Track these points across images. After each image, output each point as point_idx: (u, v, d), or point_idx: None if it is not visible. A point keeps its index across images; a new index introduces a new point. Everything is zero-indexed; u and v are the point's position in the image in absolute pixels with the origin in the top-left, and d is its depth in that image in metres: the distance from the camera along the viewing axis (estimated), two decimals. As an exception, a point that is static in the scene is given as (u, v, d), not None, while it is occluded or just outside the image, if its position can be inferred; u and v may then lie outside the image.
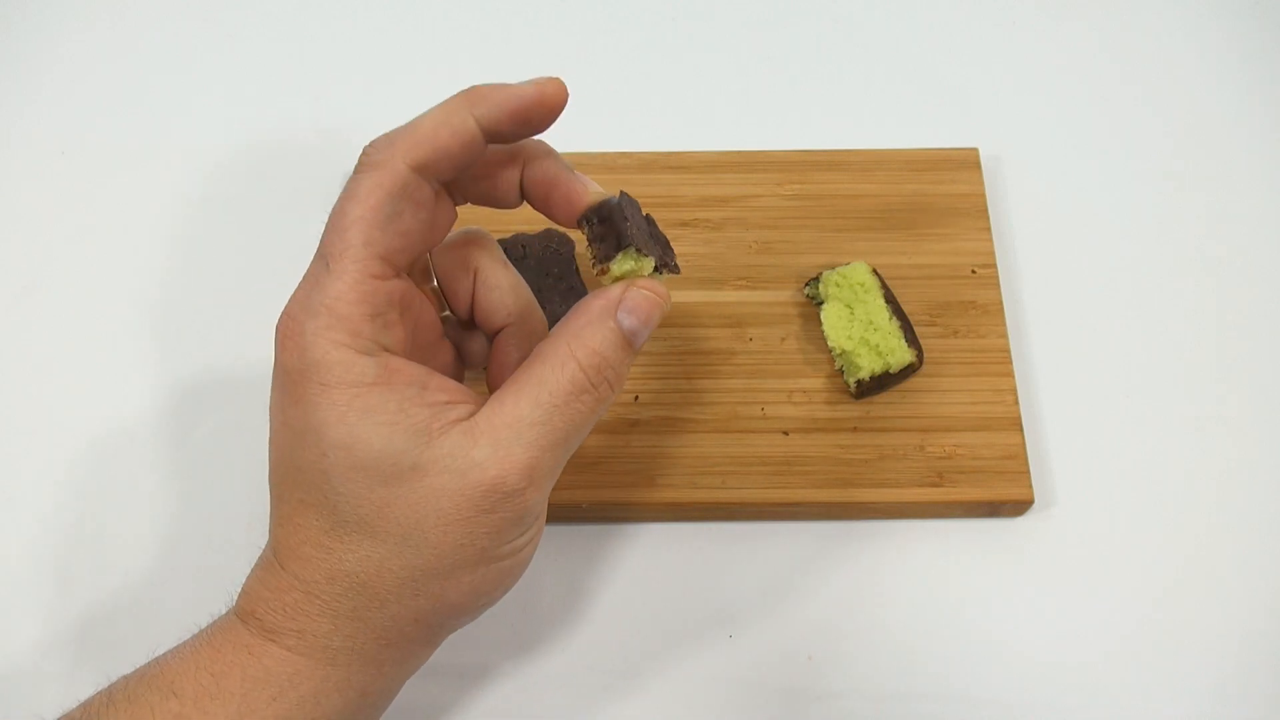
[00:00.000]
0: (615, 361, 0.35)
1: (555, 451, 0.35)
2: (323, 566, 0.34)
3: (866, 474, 0.49)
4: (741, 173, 0.56)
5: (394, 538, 0.34)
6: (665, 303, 0.37)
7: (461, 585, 0.35)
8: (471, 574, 0.35)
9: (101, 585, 0.48)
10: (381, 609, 0.35)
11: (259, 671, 0.34)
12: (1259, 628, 0.48)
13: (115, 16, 0.64)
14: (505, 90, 0.36)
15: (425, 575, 0.34)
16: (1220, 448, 0.51)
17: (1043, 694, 0.46)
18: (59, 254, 0.56)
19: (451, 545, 0.34)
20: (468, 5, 0.64)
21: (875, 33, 0.63)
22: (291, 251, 0.56)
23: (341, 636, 0.35)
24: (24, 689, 0.46)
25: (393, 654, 0.36)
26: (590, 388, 0.35)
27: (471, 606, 0.36)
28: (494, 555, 0.35)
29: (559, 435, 0.35)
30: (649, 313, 0.36)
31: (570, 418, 0.35)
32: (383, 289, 0.34)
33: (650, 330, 0.37)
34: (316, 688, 0.35)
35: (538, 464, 0.34)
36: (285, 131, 0.60)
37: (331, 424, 0.33)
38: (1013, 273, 0.55)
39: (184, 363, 0.53)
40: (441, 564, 0.34)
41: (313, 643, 0.35)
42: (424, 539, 0.34)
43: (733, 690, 0.46)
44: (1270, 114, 0.60)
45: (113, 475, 0.51)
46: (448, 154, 0.35)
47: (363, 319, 0.34)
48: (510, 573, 0.36)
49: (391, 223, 0.34)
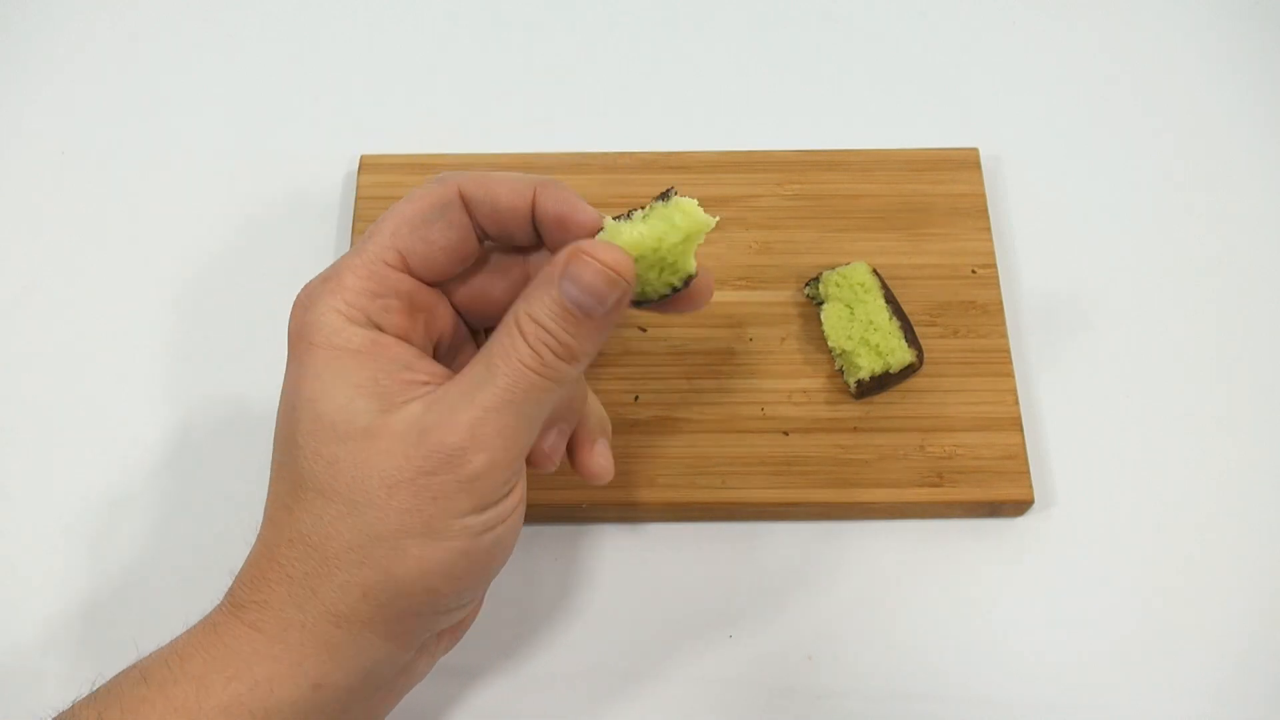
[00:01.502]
0: (554, 330, 0.34)
1: (501, 415, 0.34)
2: (285, 530, 0.35)
3: (866, 474, 0.49)
4: (741, 173, 0.56)
5: (342, 498, 0.34)
6: (619, 275, 0.34)
7: (408, 559, 0.34)
8: (419, 548, 0.34)
9: (101, 585, 0.48)
10: (331, 577, 0.34)
11: (220, 652, 0.34)
12: (1259, 627, 0.48)
13: (115, 17, 0.63)
14: (569, 193, 0.36)
15: (371, 540, 0.34)
16: (1220, 448, 0.51)
17: (1043, 694, 0.46)
18: (59, 254, 0.56)
19: (396, 510, 0.33)
20: (468, 5, 0.64)
21: (875, 33, 0.63)
22: (290, 251, 0.56)
23: (295, 607, 0.34)
24: (24, 689, 0.46)
25: (346, 637, 0.34)
26: (530, 353, 0.34)
27: (423, 593, 0.34)
28: (443, 530, 0.34)
29: (502, 398, 0.34)
30: (591, 283, 0.34)
31: (514, 381, 0.34)
32: (391, 276, 0.36)
33: (604, 298, 0.34)
34: (270, 671, 0.34)
35: (480, 424, 0.33)
36: (285, 131, 0.60)
37: (307, 380, 0.35)
38: (1013, 273, 0.55)
39: (184, 362, 0.53)
40: (386, 529, 0.33)
41: (269, 615, 0.34)
42: (370, 501, 0.33)
43: (733, 690, 0.46)
44: (1270, 114, 0.60)
45: (113, 475, 0.51)
46: (494, 202, 0.36)
47: (363, 294, 0.35)
48: (468, 562, 0.35)
49: (421, 227, 0.36)
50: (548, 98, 0.61)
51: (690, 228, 0.35)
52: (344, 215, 0.57)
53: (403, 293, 0.36)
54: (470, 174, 0.37)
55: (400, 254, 0.36)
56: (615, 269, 0.34)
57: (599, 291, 0.34)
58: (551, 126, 0.60)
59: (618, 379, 0.51)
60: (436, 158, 0.56)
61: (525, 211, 0.36)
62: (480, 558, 0.35)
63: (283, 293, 0.53)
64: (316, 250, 0.56)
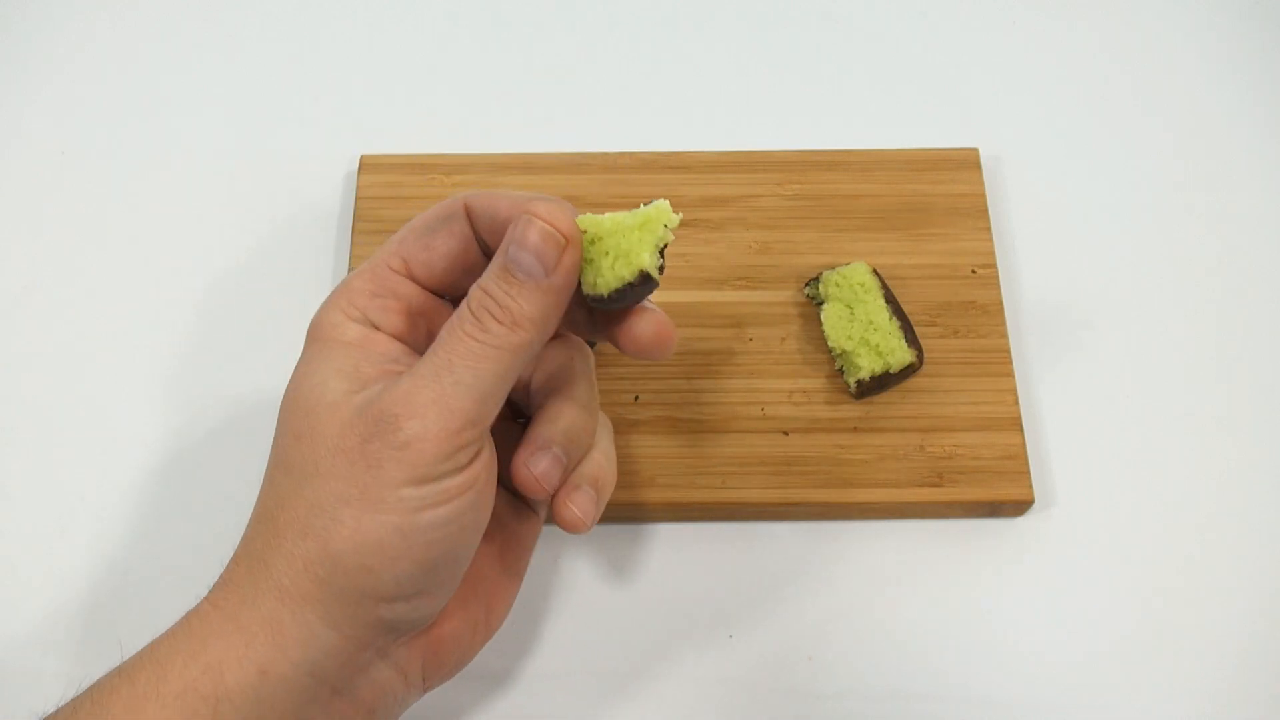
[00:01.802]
0: (499, 295, 0.34)
1: (437, 381, 0.33)
2: (257, 507, 0.35)
3: (866, 474, 0.49)
4: (741, 173, 0.56)
5: (298, 470, 0.34)
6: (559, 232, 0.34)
7: (344, 529, 0.33)
8: (355, 519, 0.33)
9: (101, 585, 0.48)
10: (279, 549, 0.34)
11: (183, 635, 0.34)
12: (1259, 627, 0.48)
13: (115, 16, 0.63)
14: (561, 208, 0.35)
15: (313, 510, 0.33)
16: (1220, 448, 0.51)
17: (1043, 694, 0.46)
18: (59, 254, 0.56)
19: (336, 476, 0.33)
20: (468, 5, 0.64)
21: (875, 33, 0.63)
22: (290, 251, 0.56)
23: (250, 583, 0.34)
24: (23, 689, 0.46)
25: (289, 617, 0.33)
26: (472, 320, 0.34)
27: (355, 569, 0.33)
28: (378, 500, 0.33)
29: (440, 364, 0.34)
30: (534, 243, 0.34)
31: (452, 347, 0.34)
32: (391, 279, 0.38)
33: (545, 256, 0.34)
34: (221, 653, 0.33)
35: (415, 391, 0.33)
36: (285, 131, 0.60)
37: (301, 365, 0.37)
38: (1013, 273, 0.55)
39: (184, 362, 0.53)
40: (326, 497, 0.33)
41: (229, 592, 0.34)
42: (317, 469, 0.34)
43: (733, 690, 0.46)
44: (1270, 114, 0.60)
45: (112, 475, 0.51)
46: (494, 215, 0.37)
47: (363, 294, 0.37)
48: (405, 547, 0.33)
49: (425, 235, 0.38)
50: (548, 98, 0.61)
51: (648, 214, 0.34)
52: (344, 215, 0.57)
53: (401, 295, 0.38)
54: (480, 190, 0.38)
55: (404, 259, 0.38)
56: (556, 226, 0.34)
57: (540, 250, 0.34)
58: (551, 126, 0.60)
59: (618, 379, 0.51)
60: (436, 158, 0.56)
61: None
62: (419, 538, 0.34)
63: (282, 292, 0.53)
64: (316, 250, 0.56)
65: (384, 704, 0.37)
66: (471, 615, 0.39)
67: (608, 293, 0.35)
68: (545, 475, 0.37)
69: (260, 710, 0.33)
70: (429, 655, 0.38)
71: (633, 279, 0.34)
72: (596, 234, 0.35)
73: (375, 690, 0.37)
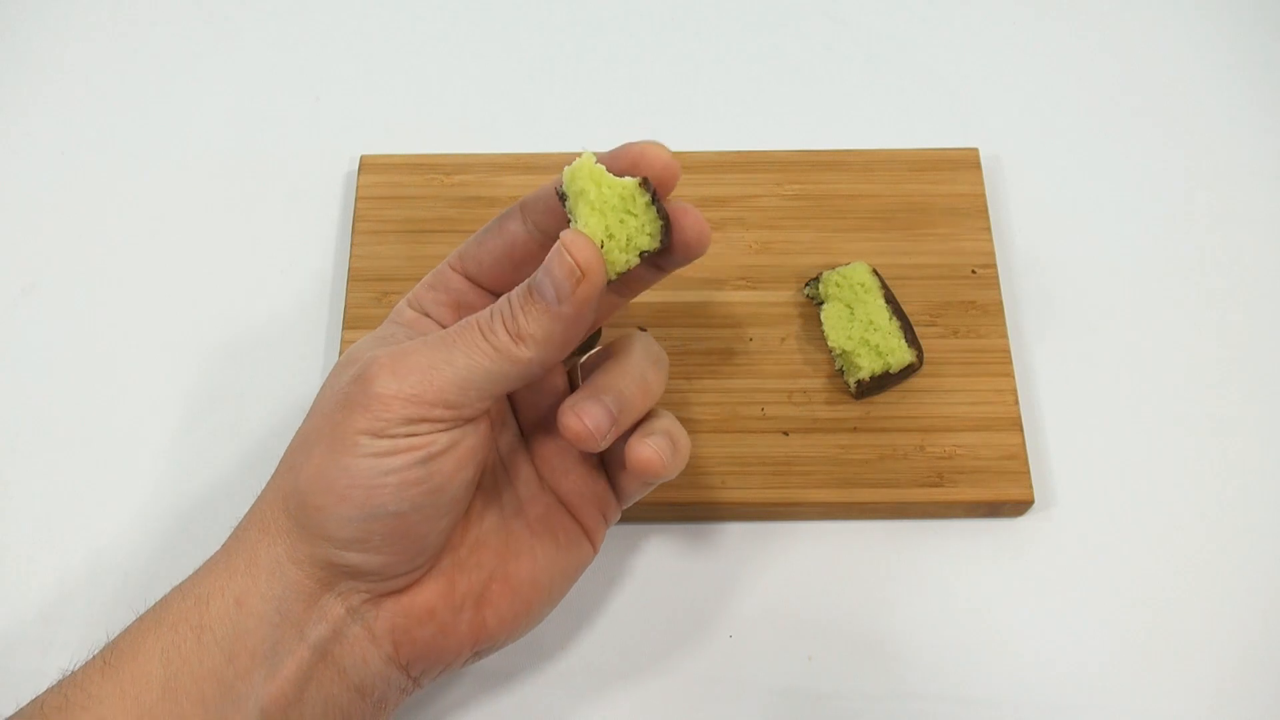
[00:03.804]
0: (514, 306, 0.35)
1: (429, 353, 0.35)
2: None
3: (866, 474, 0.49)
4: (741, 173, 0.56)
5: (308, 416, 0.38)
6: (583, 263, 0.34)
7: (311, 465, 0.35)
8: (321, 455, 0.35)
9: (103, 587, 0.48)
10: (271, 484, 0.37)
11: (191, 577, 0.37)
12: (1260, 627, 0.48)
13: (115, 16, 0.63)
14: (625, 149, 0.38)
15: (297, 446, 0.37)
16: (1221, 448, 0.51)
17: (1043, 694, 0.46)
18: (59, 254, 0.56)
19: (317, 415, 0.37)
20: (469, 5, 0.64)
21: (875, 33, 0.63)
22: (291, 252, 0.56)
23: (247, 519, 0.37)
24: (24, 689, 0.46)
25: (264, 550, 0.36)
26: (486, 316, 0.36)
27: (311, 508, 0.35)
28: (341, 440, 0.35)
29: (442, 342, 0.36)
30: (549, 264, 0.35)
31: (461, 335, 0.36)
32: (447, 274, 0.41)
33: (561, 287, 0.34)
34: (209, 586, 0.36)
35: (412, 353, 0.35)
36: (285, 131, 0.60)
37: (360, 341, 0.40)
38: (1013, 273, 0.55)
39: (184, 362, 0.53)
40: (305, 435, 0.37)
41: (235, 534, 0.37)
42: (314, 409, 0.37)
43: (733, 690, 0.46)
44: (1270, 114, 0.60)
45: (113, 475, 0.51)
46: (544, 198, 0.39)
47: (425, 287, 0.41)
48: (348, 487, 0.35)
49: (482, 235, 0.40)
50: (548, 98, 0.61)
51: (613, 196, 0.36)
52: (344, 216, 0.57)
53: (452, 288, 0.40)
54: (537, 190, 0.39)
55: (460, 256, 0.41)
56: (577, 260, 0.34)
57: (558, 280, 0.35)
58: (551, 126, 0.60)
59: (618, 379, 0.51)
60: (436, 158, 0.56)
61: None
62: (361, 481, 0.35)
63: (283, 292, 0.53)
64: (316, 250, 0.56)
65: (357, 669, 0.37)
66: (454, 596, 0.39)
67: (616, 275, 0.37)
68: (595, 420, 0.37)
69: (235, 644, 0.35)
70: (398, 621, 0.38)
71: (638, 261, 0.37)
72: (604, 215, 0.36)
73: (351, 655, 0.37)
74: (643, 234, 0.36)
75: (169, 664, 0.35)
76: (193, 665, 0.35)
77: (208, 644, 0.35)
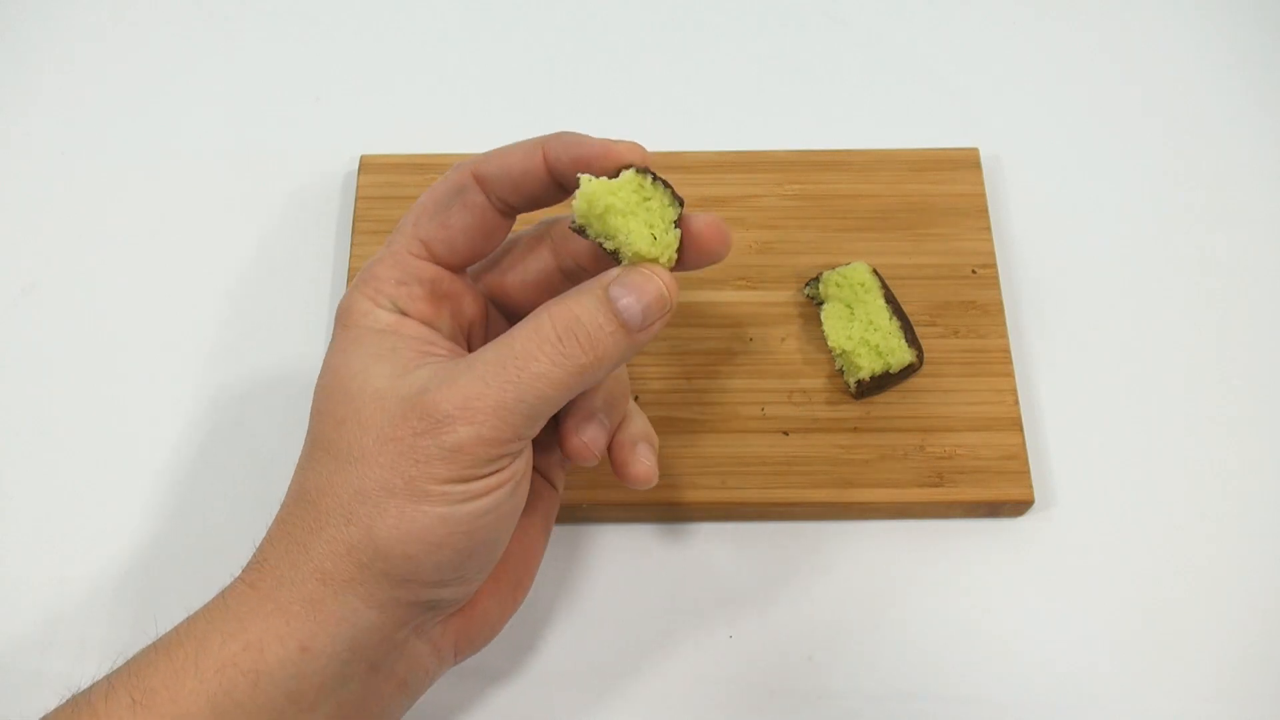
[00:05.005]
0: (591, 326, 0.34)
1: (501, 394, 0.34)
2: (293, 488, 0.36)
3: (866, 474, 0.49)
4: (741, 173, 0.56)
5: (343, 454, 0.35)
6: (666, 289, 0.35)
7: (387, 519, 0.34)
8: (399, 509, 0.34)
9: (103, 587, 0.48)
10: (321, 533, 0.35)
11: (221, 612, 0.35)
12: (1260, 627, 0.48)
13: (115, 16, 0.63)
14: (579, 137, 0.37)
15: (357, 497, 0.34)
16: (1221, 447, 0.51)
17: (1043, 694, 0.46)
18: (60, 254, 0.56)
19: (382, 465, 0.34)
20: (468, 5, 0.64)
21: (875, 33, 0.63)
22: (291, 252, 0.56)
23: (289, 564, 0.35)
24: (24, 689, 0.46)
25: (330, 597, 0.34)
26: (555, 340, 0.34)
27: (398, 556, 0.34)
28: (422, 492, 0.34)
29: (509, 379, 0.34)
30: (645, 290, 0.35)
31: (527, 366, 0.34)
32: (414, 264, 0.38)
33: (649, 313, 0.35)
34: (261, 631, 0.34)
35: (478, 397, 0.34)
36: (285, 131, 0.60)
37: (334, 354, 0.37)
38: (1013, 273, 0.55)
39: (184, 363, 0.53)
40: (371, 484, 0.34)
41: (266, 573, 0.35)
42: (363, 455, 0.34)
43: (733, 690, 0.46)
44: (1270, 114, 0.60)
45: (113, 474, 0.51)
46: (509, 171, 0.37)
47: (389, 281, 0.38)
48: (447, 536, 0.34)
49: (438, 214, 0.38)
50: (547, 98, 0.61)
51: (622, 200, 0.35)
52: (344, 215, 0.57)
53: (425, 279, 0.38)
54: (482, 154, 0.38)
55: (422, 242, 0.38)
56: (671, 294, 0.35)
57: (649, 309, 0.35)
58: (551, 126, 0.60)
59: (618, 379, 0.51)
60: (436, 158, 0.56)
61: (541, 171, 0.37)
62: (460, 527, 0.35)
63: (283, 292, 0.53)
64: (316, 250, 0.56)
65: (415, 678, 0.39)
66: (501, 593, 0.40)
67: None
68: (594, 440, 0.39)
69: (299, 684, 0.35)
70: (461, 633, 0.39)
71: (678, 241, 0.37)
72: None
73: (410, 666, 0.38)
74: (666, 206, 0.36)
75: (221, 711, 0.34)
76: (249, 710, 0.34)
77: (265, 688, 0.34)
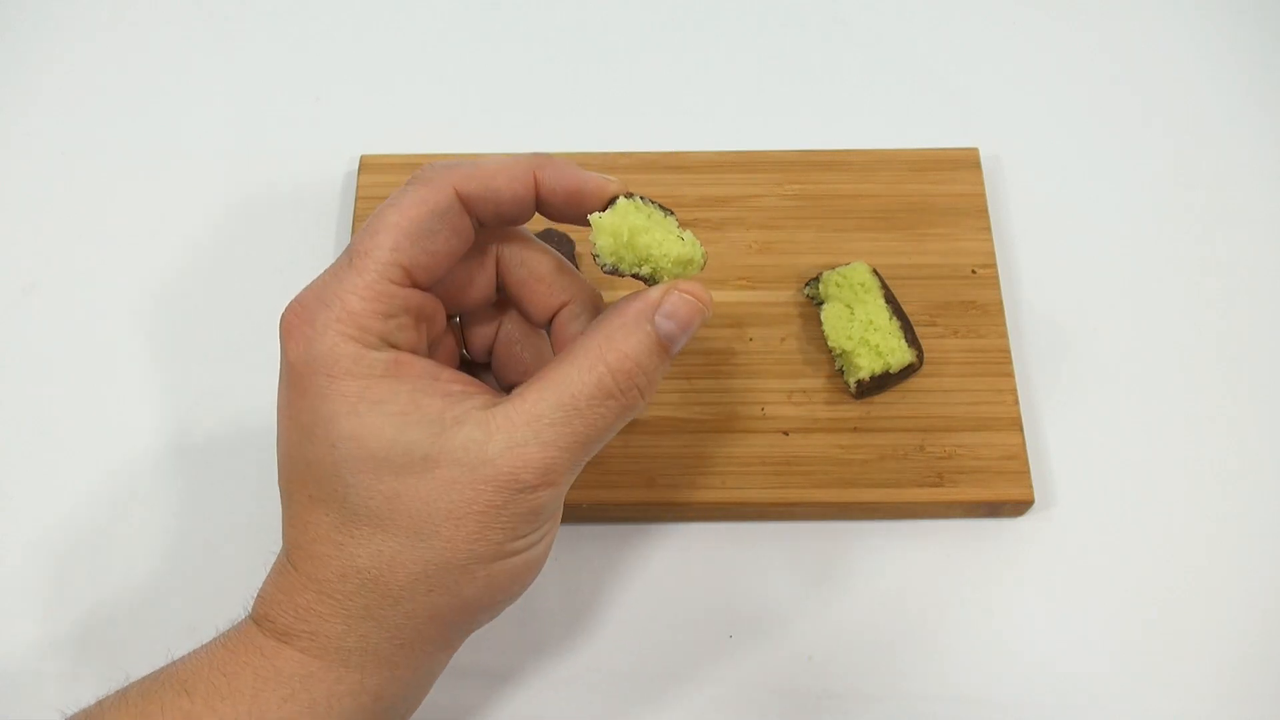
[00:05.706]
0: (648, 368, 0.35)
1: (573, 452, 0.34)
2: (334, 564, 0.34)
3: (867, 474, 0.49)
4: (741, 173, 0.56)
5: (405, 531, 0.33)
6: (707, 308, 0.36)
7: (477, 581, 0.34)
8: (487, 569, 0.34)
9: (102, 587, 0.48)
10: (395, 606, 0.34)
11: (271, 672, 0.34)
12: (1260, 627, 0.48)
13: (115, 17, 0.63)
14: (572, 167, 0.36)
15: (439, 570, 0.34)
16: (1221, 447, 0.51)
17: (1042, 694, 0.46)
18: (60, 254, 0.56)
19: (464, 539, 0.33)
20: (468, 6, 0.64)
21: (875, 33, 0.63)
22: (291, 252, 0.56)
23: (355, 637, 0.34)
24: (24, 690, 0.46)
25: (408, 655, 0.35)
26: (617, 393, 0.34)
27: (489, 604, 0.36)
28: (509, 551, 0.34)
29: (578, 438, 0.34)
30: (689, 317, 0.35)
31: (592, 421, 0.34)
32: (399, 295, 0.34)
33: (688, 336, 0.35)
34: (329, 690, 0.34)
35: (554, 464, 0.34)
36: (285, 131, 0.60)
37: (342, 415, 0.33)
38: (1013, 273, 0.55)
39: (186, 363, 0.53)
40: (455, 558, 0.34)
41: (325, 644, 0.34)
42: (435, 533, 0.33)
43: (733, 690, 0.46)
44: (1270, 114, 0.60)
45: (114, 477, 0.51)
46: (496, 197, 0.36)
47: (373, 316, 0.34)
48: (528, 568, 0.36)
49: (423, 238, 0.34)
50: (547, 98, 0.61)
51: (680, 254, 0.36)
52: (344, 215, 0.57)
53: (412, 308, 0.35)
54: (460, 169, 0.35)
55: (404, 269, 0.34)
56: (705, 300, 0.36)
57: (687, 322, 0.35)
58: (551, 126, 0.60)
59: (618, 379, 0.51)
60: (436, 158, 0.56)
61: (529, 198, 0.36)
62: (535, 563, 0.36)
63: (283, 293, 0.53)
64: (316, 250, 0.56)
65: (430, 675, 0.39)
66: None
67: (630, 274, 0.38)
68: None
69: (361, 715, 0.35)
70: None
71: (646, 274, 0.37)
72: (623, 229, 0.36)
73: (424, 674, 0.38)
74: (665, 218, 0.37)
75: None
76: None
77: None
